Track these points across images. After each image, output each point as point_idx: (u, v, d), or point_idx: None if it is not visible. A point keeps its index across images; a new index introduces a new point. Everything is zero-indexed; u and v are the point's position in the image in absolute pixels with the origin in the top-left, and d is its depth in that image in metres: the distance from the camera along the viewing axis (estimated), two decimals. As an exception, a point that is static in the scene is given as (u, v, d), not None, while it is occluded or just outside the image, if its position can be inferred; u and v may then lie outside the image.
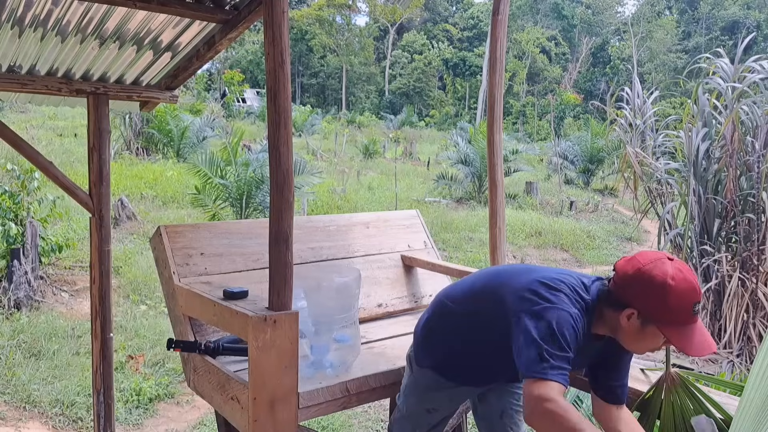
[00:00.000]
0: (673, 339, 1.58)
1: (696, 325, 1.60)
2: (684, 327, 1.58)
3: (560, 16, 49.91)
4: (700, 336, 1.59)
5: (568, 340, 1.56)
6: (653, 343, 1.62)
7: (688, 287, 1.57)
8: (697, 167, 6.27)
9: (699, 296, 1.59)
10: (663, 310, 1.57)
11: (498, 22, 2.66)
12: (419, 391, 2.02)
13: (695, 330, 1.59)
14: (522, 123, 37.88)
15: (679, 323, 1.58)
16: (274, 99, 1.83)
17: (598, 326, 1.70)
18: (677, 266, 1.58)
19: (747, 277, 6.03)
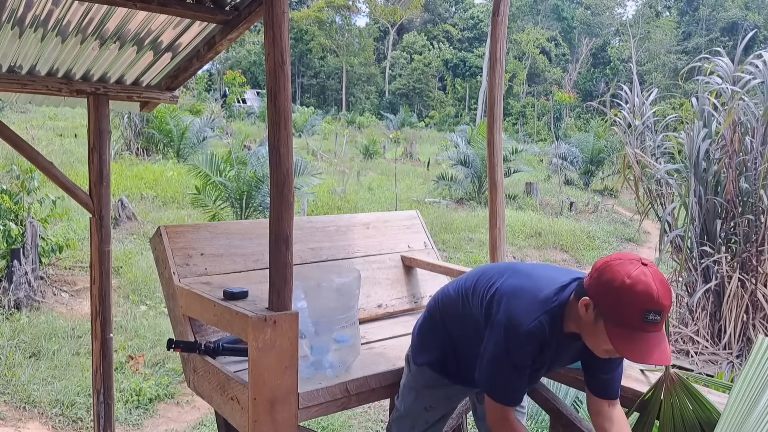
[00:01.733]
0: (613, 340, 1.53)
1: (647, 334, 1.52)
2: (631, 331, 1.52)
3: (560, 17, 49.94)
4: (647, 344, 1.51)
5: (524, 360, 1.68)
6: (605, 342, 1.57)
7: (644, 292, 1.50)
8: (697, 168, 6.27)
9: (656, 305, 1.50)
10: (613, 308, 1.53)
11: (498, 22, 2.66)
12: (417, 389, 2.03)
13: (644, 338, 1.52)
14: (522, 124, 37.88)
15: (625, 326, 1.52)
16: (274, 99, 1.84)
17: (568, 324, 1.69)
18: (645, 271, 1.52)
19: (747, 277, 6.03)
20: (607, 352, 1.62)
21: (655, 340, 1.52)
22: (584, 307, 1.60)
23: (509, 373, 1.70)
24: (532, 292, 1.71)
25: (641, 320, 1.50)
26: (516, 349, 1.67)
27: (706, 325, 6.32)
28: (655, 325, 1.51)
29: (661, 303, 1.50)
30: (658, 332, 1.53)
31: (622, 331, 1.53)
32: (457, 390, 2.05)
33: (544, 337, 1.67)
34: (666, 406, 1.82)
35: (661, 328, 1.54)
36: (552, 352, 1.72)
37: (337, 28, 46.87)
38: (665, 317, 1.55)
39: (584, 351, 1.76)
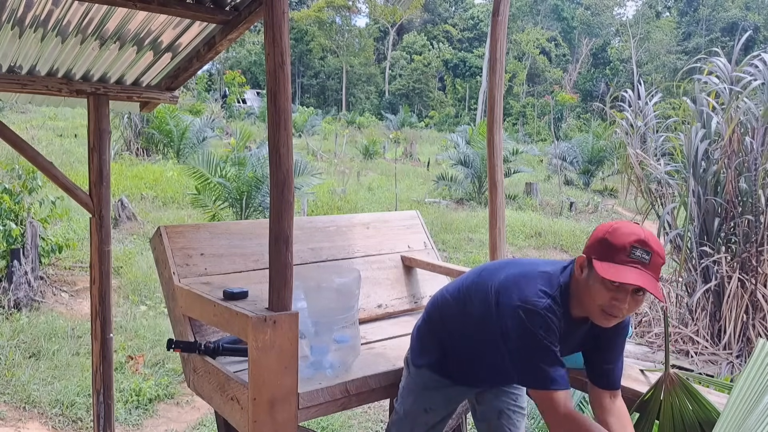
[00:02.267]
0: (600, 270, 1.58)
1: (634, 268, 1.56)
2: (618, 264, 1.57)
3: (560, 17, 49.94)
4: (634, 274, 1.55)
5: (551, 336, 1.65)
6: (599, 295, 1.60)
7: (631, 232, 1.59)
8: (696, 168, 6.27)
9: (643, 243, 1.57)
10: (601, 249, 1.61)
11: (498, 23, 2.66)
12: (416, 391, 2.03)
13: (632, 269, 1.56)
14: (522, 124, 37.89)
15: (612, 260, 1.58)
16: (274, 100, 1.84)
17: (574, 306, 1.71)
18: (636, 225, 1.63)
19: (746, 278, 6.03)
20: (603, 313, 1.63)
21: (644, 275, 1.56)
22: (580, 267, 1.66)
23: (543, 353, 1.66)
24: (536, 275, 1.74)
25: (628, 255, 1.57)
26: (540, 328, 1.66)
27: (705, 326, 6.32)
28: (644, 264, 1.57)
29: (649, 243, 1.58)
30: (648, 272, 1.57)
31: (609, 264, 1.58)
32: (456, 392, 2.04)
33: (557, 314, 1.68)
34: (666, 406, 1.82)
35: (651, 270, 1.58)
36: (563, 333, 1.72)
37: (337, 28, 46.87)
38: (657, 264, 1.59)
39: (587, 337, 1.78)
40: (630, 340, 6.92)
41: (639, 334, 6.87)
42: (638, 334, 6.87)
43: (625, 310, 1.61)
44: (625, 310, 1.61)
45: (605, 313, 1.63)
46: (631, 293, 1.60)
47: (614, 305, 1.61)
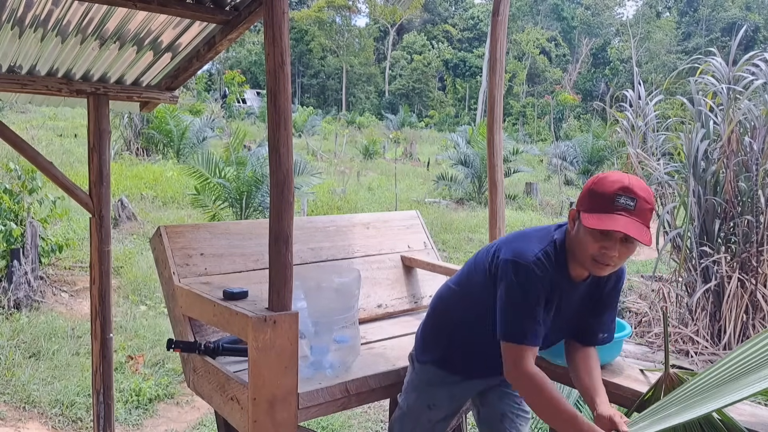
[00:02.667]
0: (585, 220, 1.60)
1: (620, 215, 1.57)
2: (604, 213, 1.59)
3: (560, 17, 49.94)
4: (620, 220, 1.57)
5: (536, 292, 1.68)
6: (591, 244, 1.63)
7: (616, 180, 1.61)
8: (696, 168, 6.27)
9: (627, 190, 1.58)
10: (588, 199, 1.64)
11: (498, 22, 2.66)
12: (420, 387, 2.03)
13: (615, 217, 1.58)
14: (522, 124, 37.88)
15: (598, 210, 1.60)
16: (274, 99, 1.84)
17: (571, 261, 1.74)
18: (622, 173, 1.65)
19: (746, 278, 6.03)
20: (595, 263, 1.65)
21: (632, 223, 1.57)
22: (572, 221, 1.70)
23: (520, 306, 1.70)
24: (534, 233, 1.81)
25: (613, 203, 1.58)
26: (526, 282, 1.69)
27: (705, 326, 6.32)
28: (630, 211, 1.58)
29: (633, 190, 1.59)
30: (635, 219, 1.58)
31: (595, 215, 1.60)
32: (461, 389, 2.04)
33: (551, 268, 1.71)
34: (666, 406, 1.82)
35: (637, 217, 1.58)
36: (559, 290, 1.75)
37: (337, 28, 46.87)
38: (644, 210, 1.59)
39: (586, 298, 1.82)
40: (630, 340, 6.93)
41: (639, 334, 6.87)
42: (638, 334, 6.87)
43: (616, 258, 1.63)
44: (616, 258, 1.63)
45: (597, 262, 1.65)
46: (620, 241, 1.61)
47: (604, 254, 1.62)
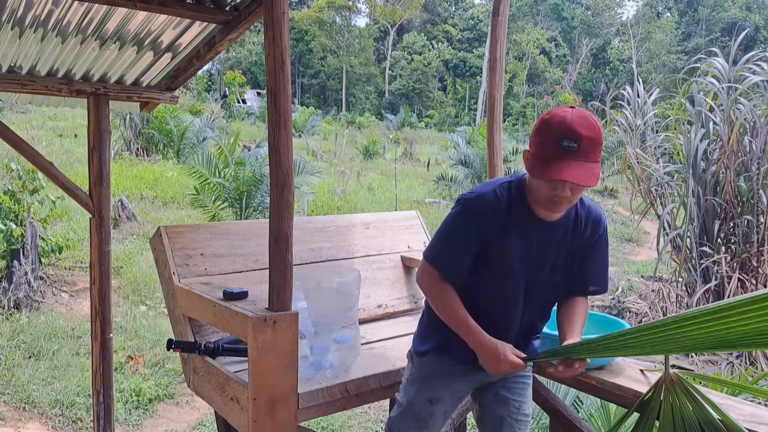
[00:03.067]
0: (531, 170, 1.62)
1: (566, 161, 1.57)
2: (550, 160, 1.59)
3: (560, 17, 49.95)
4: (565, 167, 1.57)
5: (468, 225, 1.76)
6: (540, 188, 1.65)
7: (558, 122, 1.59)
8: (695, 168, 6.27)
9: (570, 133, 1.57)
10: (536, 144, 1.64)
11: (498, 23, 2.66)
12: (420, 381, 2.00)
13: (563, 163, 1.57)
14: (522, 124, 37.88)
15: (545, 158, 1.60)
16: (275, 100, 1.84)
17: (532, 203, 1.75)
18: (566, 108, 1.62)
19: (746, 278, 6.03)
20: (548, 204, 1.67)
21: (576, 166, 1.57)
22: (525, 161, 1.69)
23: (445, 236, 1.80)
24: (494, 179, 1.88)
25: (556, 148, 1.58)
26: (458, 216, 1.78)
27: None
28: (574, 153, 1.57)
29: (575, 130, 1.57)
30: (579, 160, 1.58)
31: (539, 162, 1.61)
32: (460, 382, 1.99)
33: (499, 202, 1.74)
34: (666, 407, 1.82)
35: (582, 157, 1.58)
36: (520, 229, 1.76)
37: (337, 28, 46.87)
38: (589, 147, 1.59)
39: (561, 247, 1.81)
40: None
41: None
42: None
43: (569, 196, 1.64)
44: (569, 197, 1.64)
45: (551, 203, 1.67)
46: (570, 183, 1.61)
47: (556, 195, 1.64)
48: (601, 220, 1.87)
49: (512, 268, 1.79)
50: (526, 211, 1.75)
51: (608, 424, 3.06)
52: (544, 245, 1.80)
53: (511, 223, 1.75)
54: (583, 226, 1.83)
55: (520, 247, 1.77)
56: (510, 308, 1.86)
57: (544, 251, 1.80)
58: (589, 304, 1.92)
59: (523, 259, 1.79)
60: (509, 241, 1.76)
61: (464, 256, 1.79)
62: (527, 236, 1.77)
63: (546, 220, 1.77)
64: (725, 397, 1.91)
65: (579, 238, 1.83)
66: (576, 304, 1.86)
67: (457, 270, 1.81)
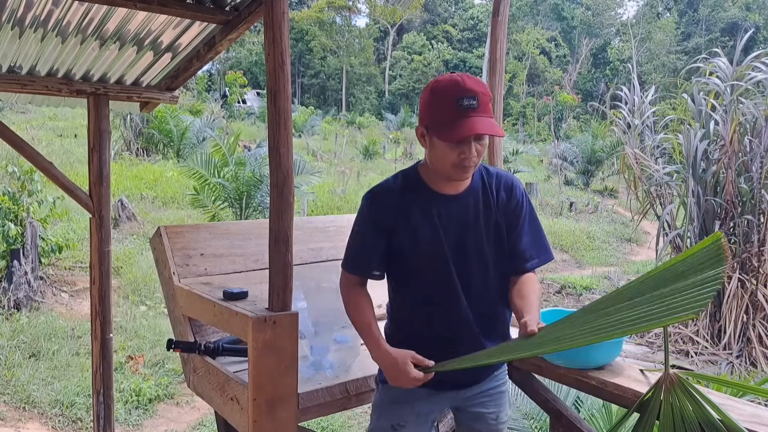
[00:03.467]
0: (440, 137, 1.58)
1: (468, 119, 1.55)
2: (452, 122, 1.56)
3: (560, 17, 49.94)
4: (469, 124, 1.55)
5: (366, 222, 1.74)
6: (448, 152, 1.61)
7: (450, 83, 1.58)
8: (695, 168, 6.27)
9: (465, 91, 1.56)
10: (432, 113, 1.61)
11: (498, 23, 2.66)
12: (384, 406, 1.88)
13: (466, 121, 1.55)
14: (522, 124, 37.89)
15: (446, 122, 1.57)
16: (274, 100, 1.84)
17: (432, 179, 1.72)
18: (452, 74, 1.61)
19: (747, 278, 6.03)
20: (456, 168, 1.63)
21: (480, 121, 1.56)
22: (421, 139, 1.66)
23: (355, 234, 1.78)
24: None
25: (457, 108, 1.56)
26: (360, 214, 1.76)
27: (705, 326, 6.32)
28: (474, 110, 1.56)
29: (470, 87, 1.56)
30: (481, 116, 1.57)
31: (445, 127, 1.58)
32: (426, 405, 1.85)
33: (394, 187, 1.73)
34: (666, 407, 1.82)
35: (483, 112, 1.58)
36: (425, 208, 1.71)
37: (337, 28, 46.87)
38: (485, 102, 1.59)
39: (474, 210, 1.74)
40: (630, 340, 6.96)
41: (639, 334, 6.87)
42: (638, 334, 6.87)
43: (475, 157, 1.63)
44: (475, 158, 1.63)
45: (458, 167, 1.63)
46: (474, 140, 1.60)
47: (464, 159, 1.61)
48: (513, 183, 1.81)
49: (433, 252, 1.72)
50: (426, 189, 1.72)
51: (609, 425, 3.05)
52: (459, 222, 1.73)
53: (412, 204, 1.71)
54: (494, 192, 1.77)
55: (428, 227, 1.71)
56: (453, 300, 1.75)
57: (461, 228, 1.73)
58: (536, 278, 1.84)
59: (437, 240, 1.71)
60: (415, 222, 1.71)
61: (372, 250, 1.75)
62: (433, 214, 1.71)
63: (449, 195, 1.72)
64: (725, 397, 1.91)
65: (495, 207, 1.76)
66: (524, 283, 1.76)
67: (368, 266, 1.76)
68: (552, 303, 8.05)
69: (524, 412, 3.37)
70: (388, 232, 1.73)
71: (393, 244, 1.74)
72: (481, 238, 1.75)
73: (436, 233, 1.71)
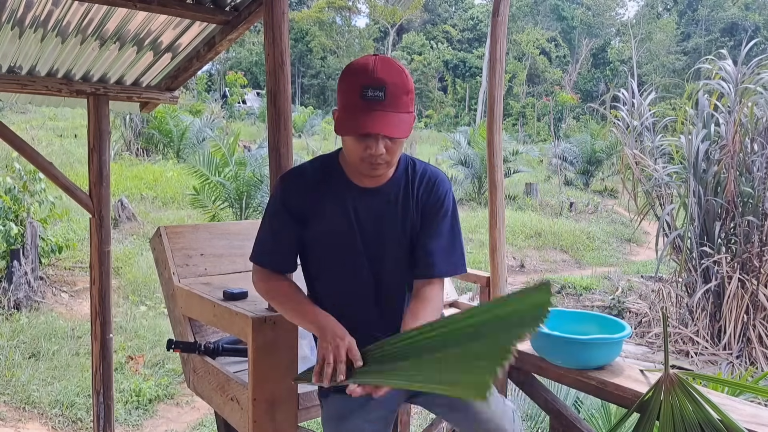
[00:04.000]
0: (337, 127, 1.45)
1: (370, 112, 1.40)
2: (353, 112, 1.42)
3: (560, 17, 49.96)
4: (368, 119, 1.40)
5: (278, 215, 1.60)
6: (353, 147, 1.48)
7: (359, 68, 1.44)
8: (696, 168, 6.27)
9: (372, 80, 1.40)
10: (338, 96, 1.49)
11: (498, 23, 2.66)
12: (330, 422, 1.71)
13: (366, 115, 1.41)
14: (522, 124, 37.90)
15: (347, 108, 1.44)
16: (274, 100, 1.84)
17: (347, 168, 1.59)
18: (370, 56, 1.47)
19: (747, 278, 6.03)
20: (365, 164, 1.49)
21: (382, 117, 1.41)
22: (335, 120, 1.50)
23: (262, 226, 1.67)
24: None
25: (359, 97, 1.41)
26: (271, 199, 1.65)
27: (705, 326, 6.33)
28: (379, 103, 1.41)
29: (379, 77, 1.41)
30: (386, 111, 1.42)
31: (346, 116, 1.44)
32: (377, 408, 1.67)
33: (310, 174, 1.60)
34: (666, 407, 1.82)
35: (391, 107, 1.42)
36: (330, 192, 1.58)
37: (337, 28, 46.90)
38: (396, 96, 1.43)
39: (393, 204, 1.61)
40: (630, 340, 6.95)
41: (639, 334, 6.88)
42: (638, 334, 6.87)
43: (384, 155, 1.47)
44: (385, 156, 1.48)
45: (365, 162, 1.49)
46: (382, 137, 1.45)
47: (370, 154, 1.46)
48: (438, 181, 1.65)
49: (345, 247, 1.60)
50: (344, 179, 1.59)
51: (609, 425, 3.06)
52: (375, 216, 1.60)
53: (326, 193, 1.59)
54: (416, 187, 1.62)
55: (342, 220, 1.59)
56: (364, 298, 1.64)
57: (377, 223, 1.60)
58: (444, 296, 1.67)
59: (351, 235, 1.59)
60: (327, 213, 1.59)
61: (284, 240, 1.63)
62: (349, 207, 1.58)
63: (369, 188, 1.59)
64: (725, 397, 1.91)
65: (414, 204, 1.61)
66: (425, 295, 1.59)
67: (278, 257, 1.65)
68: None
69: (524, 412, 3.37)
70: (299, 220, 1.60)
71: (304, 234, 1.62)
72: (397, 234, 1.62)
73: (351, 227, 1.59)
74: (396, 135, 1.42)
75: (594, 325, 2.11)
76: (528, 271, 9.77)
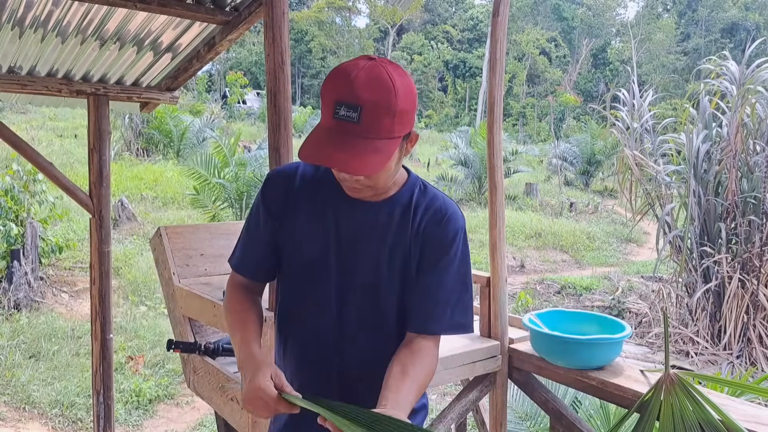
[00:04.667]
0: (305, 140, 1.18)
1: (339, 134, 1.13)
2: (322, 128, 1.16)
3: (560, 17, 49.98)
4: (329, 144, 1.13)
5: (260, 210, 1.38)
6: None
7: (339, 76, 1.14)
8: (697, 169, 6.27)
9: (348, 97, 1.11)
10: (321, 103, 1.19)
11: (498, 23, 2.66)
12: None
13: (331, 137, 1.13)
14: (522, 124, 37.91)
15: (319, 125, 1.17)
16: (274, 100, 1.84)
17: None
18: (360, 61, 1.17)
19: (747, 278, 6.03)
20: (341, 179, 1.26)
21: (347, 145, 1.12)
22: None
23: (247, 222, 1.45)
24: None
25: (332, 115, 1.13)
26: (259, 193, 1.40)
27: (706, 326, 6.33)
28: (351, 125, 1.12)
29: (356, 93, 1.11)
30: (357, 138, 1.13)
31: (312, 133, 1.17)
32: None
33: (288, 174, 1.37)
34: (666, 407, 1.82)
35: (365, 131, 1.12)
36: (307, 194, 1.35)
37: (337, 28, 46.92)
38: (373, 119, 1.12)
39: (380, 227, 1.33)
40: (630, 340, 6.95)
41: (639, 334, 6.88)
42: (638, 334, 6.87)
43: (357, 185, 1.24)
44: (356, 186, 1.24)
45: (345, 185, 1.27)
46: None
47: (344, 178, 1.24)
48: (450, 214, 1.34)
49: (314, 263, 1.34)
50: (332, 186, 1.32)
51: (608, 425, 3.05)
52: (357, 231, 1.32)
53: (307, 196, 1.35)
54: (420, 212, 1.33)
55: (317, 230, 1.33)
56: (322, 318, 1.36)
57: (356, 239, 1.32)
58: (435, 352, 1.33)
59: (323, 248, 1.33)
60: (304, 219, 1.34)
61: (258, 242, 1.40)
62: (329, 217, 1.33)
63: (359, 201, 1.31)
64: (725, 397, 1.91)
65: (413, 230, 1.32)
66: (421, 350, 1.29)
67: (251, 262, 1.42)
68: (552, 303, 8.05)
69: (524, 412, 3.37)
70: (275, 222, 1.37)
71: (277, 239, 1.38)
72: (375, 258, 1.33)
73: (326, 239, 1.33)
74: (358, 172, 1.14)
75: (594, 326, 2.11)
76: (528, 271, 9.77)
